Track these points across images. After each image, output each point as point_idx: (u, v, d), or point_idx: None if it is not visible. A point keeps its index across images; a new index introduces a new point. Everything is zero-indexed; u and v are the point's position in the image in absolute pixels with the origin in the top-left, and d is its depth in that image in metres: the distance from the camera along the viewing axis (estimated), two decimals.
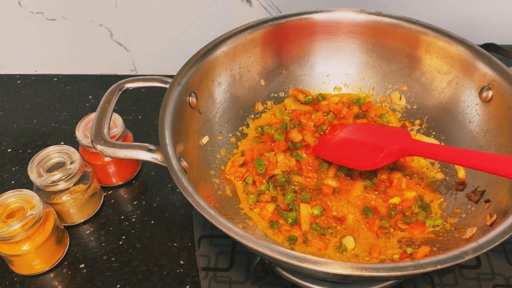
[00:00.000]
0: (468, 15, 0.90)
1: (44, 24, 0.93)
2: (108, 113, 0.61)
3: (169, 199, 0.77)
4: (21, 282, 0.67)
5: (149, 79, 0.66)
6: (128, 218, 0.75)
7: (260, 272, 0.63)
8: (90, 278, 0.67)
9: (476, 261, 0.65)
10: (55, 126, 0.90)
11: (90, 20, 0.93)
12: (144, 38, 0.95)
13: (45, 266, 0.67)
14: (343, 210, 0.64)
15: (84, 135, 0.73)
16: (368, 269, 0.45)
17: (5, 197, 0.65)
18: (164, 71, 0.92)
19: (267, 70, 0.77)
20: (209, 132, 0.70)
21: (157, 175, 0.81)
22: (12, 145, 0.87)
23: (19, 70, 1.02)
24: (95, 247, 0.71)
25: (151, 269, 0.68)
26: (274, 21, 0.73)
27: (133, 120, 0.90)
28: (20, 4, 0.90)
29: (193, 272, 0.67)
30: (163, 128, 0.59)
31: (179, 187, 0.53)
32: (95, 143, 0.57)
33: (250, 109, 0.76)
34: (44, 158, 0.70)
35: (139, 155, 0.57)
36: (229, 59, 0.72)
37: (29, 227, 0.62)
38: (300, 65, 0.78)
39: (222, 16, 0.90)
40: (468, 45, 0.67)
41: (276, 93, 0.78)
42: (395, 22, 0.72)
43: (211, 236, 0.69)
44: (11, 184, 0.80)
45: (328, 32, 0.75)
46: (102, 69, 1.01)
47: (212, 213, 0.50)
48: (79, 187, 0.70)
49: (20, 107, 0.95)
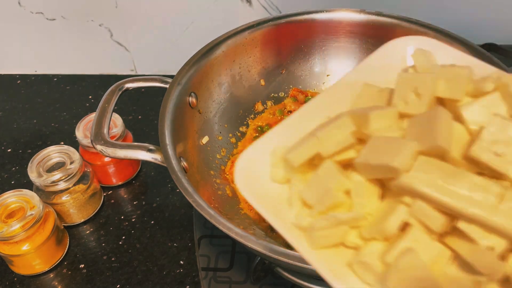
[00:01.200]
0: (468, 15, 0.90)
1: (44, 24, 0.93)
2: (108, 113, 0.61)
3: (169, 199, 0.77)
4: (21, 282, 0.67)
5: (149, 79, 0.66)
6: (128, 218, 0.75)
7: (260, 272, 0.63)
8: (90, 278, 0.67)
9: None
10: (55, 126, 0.90)
11: (90, 20, 0.93)
12: (144, 38, 0.95)
13: (45, 266, 0.67)
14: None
15: (84, 135, 0.73)
16: None
17: (5, 197, 0.64)
18: (164, 71, 0.92)
19: (267, 70, 0.77)
20: (209, 132, 0.70)
21: (157, 175, 0.81)
22: (12, 145, 0.87)
23: (19, 70, 1.02)
24: (95, 247, 0.71)
25: (151, 269, 0.68)
26: (274, 21, 0.73)
27: (133, 120, 0.90)
28: (20, 4, 0.90)
29: (193, 272, 0.67)
30: (163, 128, 0.59)
31: (179, 187, 0.53)
32: (95, 143, 0.57)
33: (250, 109, 0.76)
34: (44, 158, 0.70)
35: (139, 155, 0.57)
36: (229, 59, 0.72)
37: (29, 227, 0.62)
38: (300, 65, 0.78)
39: (222, 16, 0.90)
40: (468, 45, 0.67)
41: (276, 93, 0.78)
42: (395, 22, 0.72)
43: (211, 236, 0.69)
44: (11, 184, 0.80)
45: (328, 32, 0.75)
46: (102, 69, 1.01)
47: (212, 213, 0.50)
48: (79, 187, 0.70)
49: (20, 107, 0.95)
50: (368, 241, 0.36)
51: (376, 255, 0.35)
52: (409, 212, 0.35)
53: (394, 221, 0.35)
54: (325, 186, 0.38)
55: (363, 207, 0.37)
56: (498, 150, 0.33)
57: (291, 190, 0.40)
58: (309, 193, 0.39)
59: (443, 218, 0.34)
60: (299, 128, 0.41)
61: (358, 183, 0.37)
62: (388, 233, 0.35)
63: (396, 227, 0.35)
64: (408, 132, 0.37)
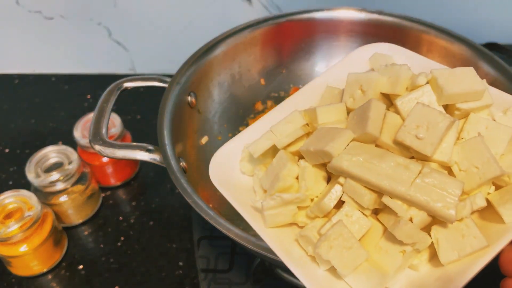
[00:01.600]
0: (470, 14, 0.90)
1: (42, 23, 0.93)
2: (106, 113, 0.60)
3: (168, 200, 0.77)
4: (19, 284, 0.67)
5: (148, 78, 0.66)
6: (127, 219, 0.74)
7: (260, 274, 0.62)
8: (88, 280, 0.67)
9: None
10: (53, 126, 0.90)
11: (88, 19, 0.92)
12: (143, 37, 0.95)
13: (43, 267, 0.67)
14: None
15: (82, 135, 0.73)
16: None
17: (3, 197, 0.64)
18: (163, 71, 0.92)
19: (267, 69, 0.76)
20: (208, 132, 0.69)
21: (156, 175, 0.80)
22: (9, 145, 0.87)
23: (17, 69, 1.01)
24: (94, 248, 0.71)
25: (149, 270, 0.67)
26: (274, 20, 0.73)
27: (131, 120, 0.89)
28: (18, 3, 0.90)
29: (192, 274, 0.67)
30: (162, 128, 0.58)
31: (178, 188, 0.53)
32: (93, 143, 0.57)
33: (250, 108, 0.76)
34: (42, 159, 0.69)
35: (138, 155, 0.57)
36: (229, 58, 0.71)
37: (27, 228, 0.61)
38: (301, 64, 0.78)
39: (222, 15, 0.90)
40: (470, 45, 0.67)
41: (276, 93, 0.78)
42: (396, 21, 0.72)
43: (210, 237, 0.69)
44: (8, 184, 0.80)
45: (328, 31, 0.75)
46: (100, 69, 1.00)
47: (212, 214, 0.50)
48: (77, 188, 0.70)
49: (18, 107, 0.94)
50: (313, 219, 0.42)
51: (316, 229, 0.41)
52: (342, 190, 0.40)
53: (330, 199, 0.41)
54: (277, 172, 0.43)
55: (308, 189, 0.42)
56: (419, 134, 0.38)
57: (253, 178, 0.47)
58: (266, 180, 0.45)
59: (371, 195, 0.39)
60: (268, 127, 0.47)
61: (304, 168, 0.43)
62: (326, 210, 0.41)
63: (331, 204, 0.41)
64: (348, 123, 0.43)
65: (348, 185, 0.39)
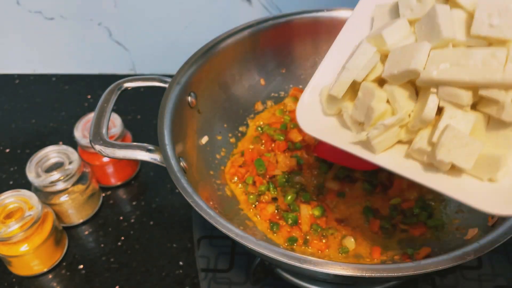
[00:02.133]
0: None
1: (43, 23, 0.93)
2: (106, 113, 0.60)
3: (168, 200, 0.77)
4: (20, 283, 0.67)
5: (148, 78, 0.66)
6: (127, 218, 0.74)
7: (260, 274, 0.62)
8: (88, 279, 0.67)
9: (477, 262, 0.65)
10: (54, 126, 0.90)
11: (88, 19, 0.92)
12: (143, 37, 0.95)
13: (43, 267, 0.67)
14: (344, 211, 0.64)
15: (83, 135, 0.73)
16: (369, 270, 0.45)
17: (3, 197, 0.64)
18: (163, 71, 0.92)
19: (267, 69, 0.76)
20: (208, 132, 0.69)
21: (156, 175, 0.81)
22: (10, 145, 0.87)
23: (17, 69, 1.01)
24: (94, 248, 0.71)
25: (150, 270, 0.68)
26: (274, 20, 0.73)
27: (132, 120, 0.89)
28: (19, 3, 0.90)
29: (192, 273, 0.67)
30: (162, 128, 0.59)
31: (178, 188, 0.53)
32: (93, 143, 0.57)
33: (250, 108, 0.76)
34: (43, 158, 0.69)
35: (138, 155, 0.57)
36: (229, 58, 0.71)
37: (28, 227, 0.62)
38: (300, 64, 0.78)
39: (222, 15, 0.90)
40: None
41: (276, 93, 0.78)
42: None
43: (210, 237, 0.69)
44: (9, 184, 0.80)
45: (328, 31, 0.75)
46: (100, 69, 1.00)
47: (212, 214, 0.50)
48: (77, 188, 0.70)
49: (18, 107, 0.94)
50: (416, 133, 0.44)
51: (425, 140, 0.43)
52: (438, 97, 0.42)
53: (429, 109, 0.43)
54: (368, 103, 0.46)
55: (402, 108, 0.45)
56: (493, 22, 0.39)
57: (344, 116, 0.50)
58: (358, 113, 0.48)
59: (467, 92, 0.41)
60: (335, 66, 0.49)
61: (392, 91, 0.45)
62: (429, 121, 0.43)
63: (432, 112, 0.43)
64: (418, 35, 0.44)
65: (442, 92, 0.42)
